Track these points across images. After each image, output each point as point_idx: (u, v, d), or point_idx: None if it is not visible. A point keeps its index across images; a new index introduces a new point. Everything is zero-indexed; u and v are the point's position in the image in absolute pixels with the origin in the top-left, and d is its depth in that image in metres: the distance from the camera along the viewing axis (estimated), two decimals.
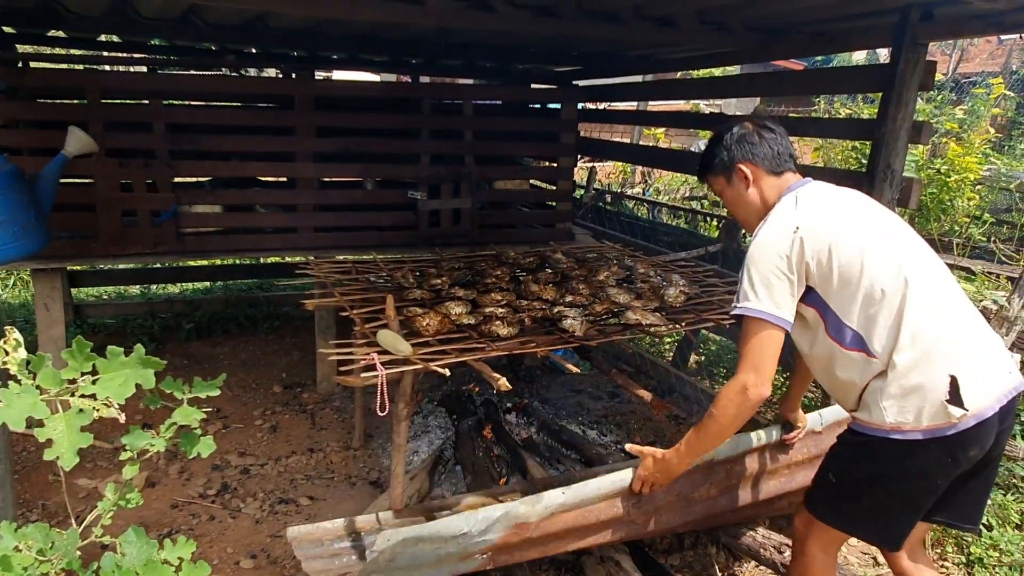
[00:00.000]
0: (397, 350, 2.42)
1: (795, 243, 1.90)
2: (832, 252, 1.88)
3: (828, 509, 2.06)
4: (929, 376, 1.81)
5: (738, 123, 2.16)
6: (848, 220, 1.95)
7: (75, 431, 1.48)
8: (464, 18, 3.49)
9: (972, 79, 13.25)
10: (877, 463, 1.92)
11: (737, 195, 2.14)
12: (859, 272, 1.87)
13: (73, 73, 4.44)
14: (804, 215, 1.94)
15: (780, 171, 2.09)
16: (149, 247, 4.22)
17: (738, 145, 2.10)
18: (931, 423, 1.81)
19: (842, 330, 1.92)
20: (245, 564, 2.89)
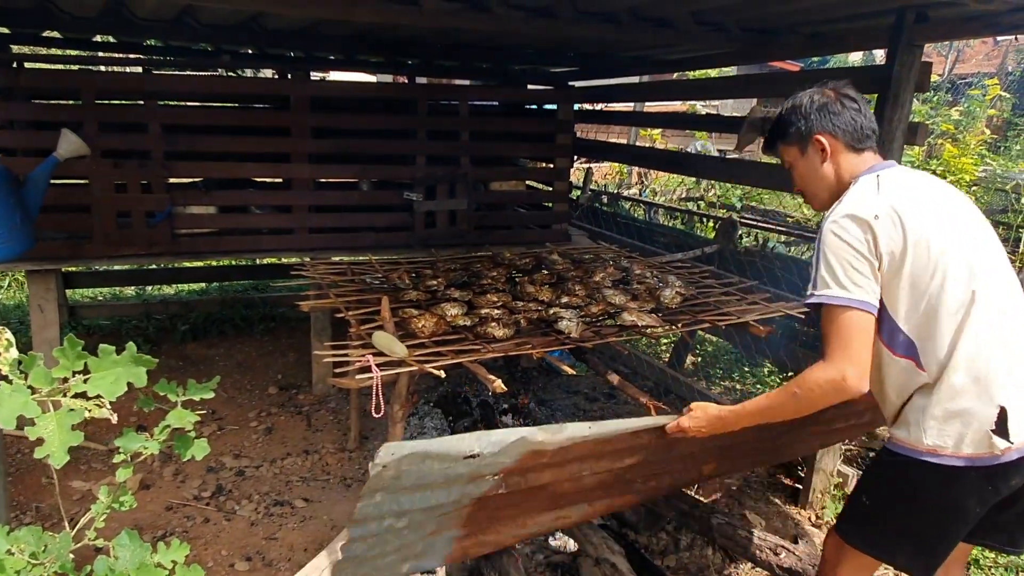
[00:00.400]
0: (392, 352, 2.41)
1: (871, 231, 1.74)
2: (908, 251, 1.73)
3: (859, 534, 1.97)
4: (978, 403, 1.71)
5: (817, 89, 1.98)
6: (931, 218, 1.77)
7: (66, 430, 1.47)
8: (460, 19, 3.48)
9: (968, 80, 13.29)
10: (912, 487, 1.82)
11: (811, 168, 1.97)
12: (930, 278, 1.73)
13: (68, 74, 4.43)
14: (885, 203, 1.76)
15: (861, 148, 1.92)
16: (144, 248, 4.21)
17: (818, 114, 1.93)
18: (973, 451, 1.72)
19: (895, 335, 1.79)
20: (240, 567, 2.88)
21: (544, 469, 2.03)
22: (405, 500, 1.89)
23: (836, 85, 1.99)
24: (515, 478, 2.01)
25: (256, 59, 6.02)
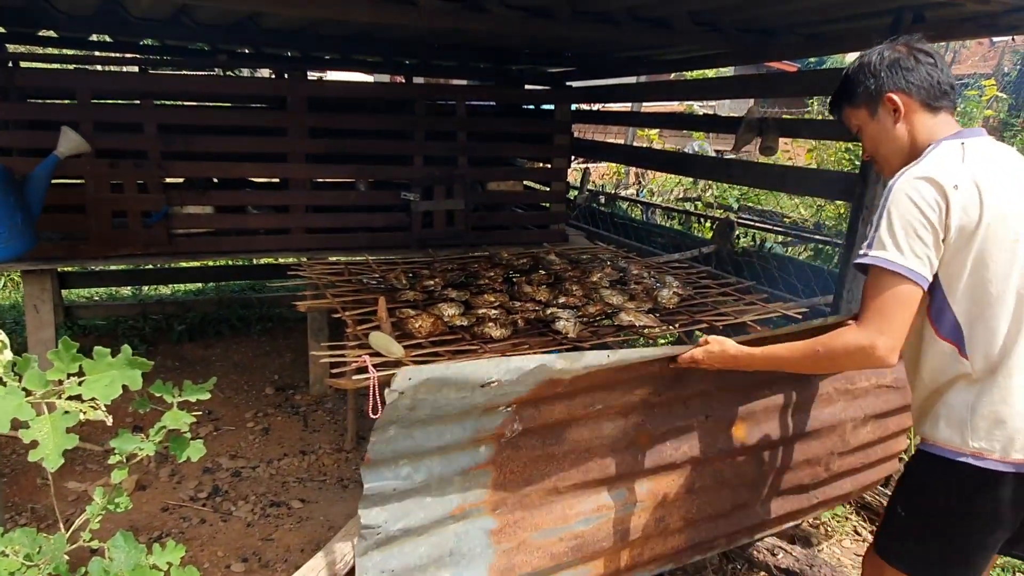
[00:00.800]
0: (389, 352, 2.41)
1: (946, 200, 1.59)
2: (980, 230, 1.60)
3: (896, 551, 1.85)
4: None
5: (888, 45, 1.80)
6: (1014, 200, 1.64)
7: (60, 432, 1.47)
8: (457, 19, 3.48)
9: (965, 81, 13.32)
10: (950, 493, 1.71)
11: (882, 130, 1.80)
12: (997, 264, 1.61)
13: (63, 73, 4.41)
14: (968, 174, 1.61)
15: (937, 106, 1.74)
16: (140, 248, 4.19)
17: (889, 71, 1.74)
18: (1019, 457, 1.61)
19: (944, 313, 1.67)
20: (236, 568, 2.87)
21: (557, 401, 1.99)
22: (419, 435, 1.83)
23: (908, 39, 1.81)
24: (529, 411, 1.97)
25: (253, 59, 6.02)
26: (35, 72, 4.39)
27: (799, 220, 8.41)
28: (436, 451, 1.88)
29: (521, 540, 2.09)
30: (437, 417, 1.84)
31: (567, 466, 2.15)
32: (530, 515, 2.12)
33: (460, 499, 1.97)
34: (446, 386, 1.76)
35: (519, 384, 1.85)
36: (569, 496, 2.19)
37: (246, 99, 5.20)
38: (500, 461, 2.02)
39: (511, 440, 2.00)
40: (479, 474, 1.99)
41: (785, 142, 9.29)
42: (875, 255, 1.62)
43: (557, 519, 2.17)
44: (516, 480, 2.07)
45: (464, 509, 1.99)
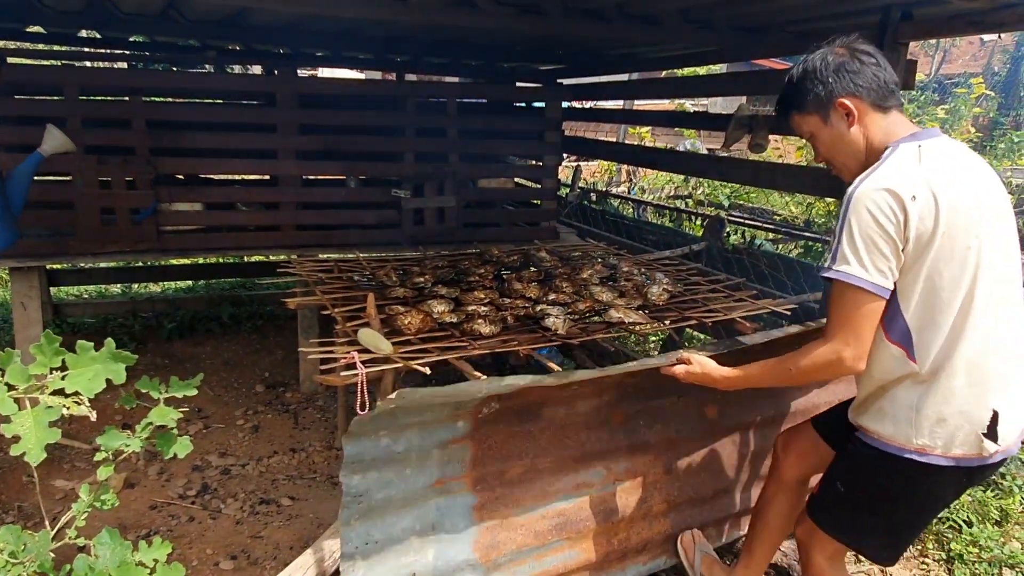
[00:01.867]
0: (378, 348, 2.40)
1: (904, 211, 1.61)
2: (935, 240, 1.63)
3: (832, 520, 1.99)
4: (973, 406, 1.69)
5: (826, 48, 1.81)
6: (967, 208, 1.65)
7: (43, 427, 1.46)
8: (447, 15, 3.47)
9: (955, 80, 13.39)
10: (893, 481, 1.81)
11: (837, 136, 1.80)
12: (950, 272, 1.65)
13: (51, 69, 4.38)
14: (925, 182, 1.63)
15: (888, 106, 1.76)
16: (129, 245, 4.17)
17: (836, 75, 1.75)
18: (961, 452, 1.71)
19: (895, 319, 1.71)
20: (225, 565, 2.86)
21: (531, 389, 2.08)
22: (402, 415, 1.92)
23: (846, 40, 1.82)
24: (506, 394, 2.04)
25: (243, 55, 5.99)
26: (22, 68, 4.36)
27: (789, 217, 8.44)
28: (415, 424, 1.96)
29: (504, 517, 2.15)
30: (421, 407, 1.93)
31: (544, 443, 2.23)
32: (511, 492, 2.19)
33: (439, 472, 2.04)
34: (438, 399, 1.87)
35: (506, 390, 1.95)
36: (548, 474, 2.26)
37: (236, 96, 5.17)
38: (478, 437, 2.09)
39: (489, 416, 2.07)
40: (457, 449, 2.06)
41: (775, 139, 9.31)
42: (839, 270, 1.67)
43: (538, 496, 2.24)
44: (495, 456, 2.13)
45: (444, 483, 2.06)
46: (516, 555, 2.19)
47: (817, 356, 1.74)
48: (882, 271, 1.64)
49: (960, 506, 3.22)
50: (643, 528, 2.49)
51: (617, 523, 2.40)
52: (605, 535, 2.39)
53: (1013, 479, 3.42)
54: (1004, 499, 3.30)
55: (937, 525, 3.15)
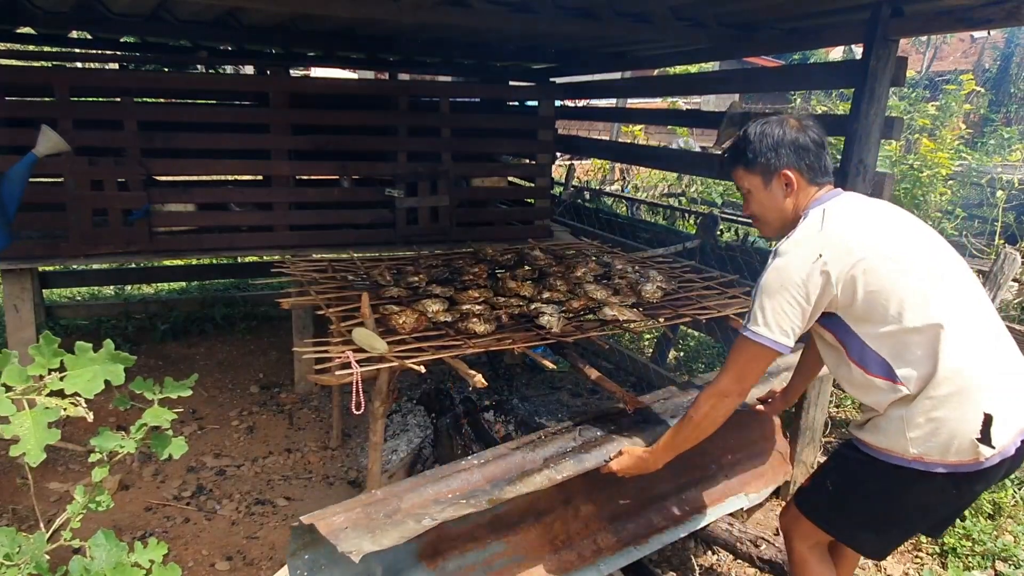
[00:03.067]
0: (373, 348, 2.41)
1: (816, 271, 1.77)
2: (861, 280, 1.76)
3: (821, 516, 2.07)
4: (964, 412, 1.73)
5: (782, 119, 1.96)
6: (881, 243, 1.80)
7: (42, 428, 1.46)
8: (440, 15, 3.47)
9: (946, 77, 13.44)
10: (887, 487, 1.87)
11: (771, 200, 1.97)
12: (890, 301, 1.75)
13: (41, 70, 4.36)
14: (830, 238, 1.80)
15: (821, 183, 1.94)
16: (121, 247, 4.16)
17: (789, 149, 1.91)
18: (957, 459, 1.75)
19: (866, 355, 1.82)
20: (221, 566, 2.86)
21: None
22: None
23: (801, 116, 1.98)
24: None
25: (235, 55, 5.97)
26: (12, 69, 4.33)
27: None
28: None
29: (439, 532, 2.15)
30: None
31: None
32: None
33: None
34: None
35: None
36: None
37: (228, 96, 5.16)
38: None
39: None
40: None
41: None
42: (751, 330, 1.87)
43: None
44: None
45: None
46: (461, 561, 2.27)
47: (705, 397, 1.97)
48: (785, 331, 1.83)
49: None
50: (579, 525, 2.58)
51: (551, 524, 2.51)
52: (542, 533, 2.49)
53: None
54: (997, 493, 3.32)
55: None
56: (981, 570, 2.96)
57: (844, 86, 5.11)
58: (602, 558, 2.56)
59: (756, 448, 3.23)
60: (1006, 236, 5.88)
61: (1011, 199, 6.20)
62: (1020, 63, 15.97)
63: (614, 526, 2.68)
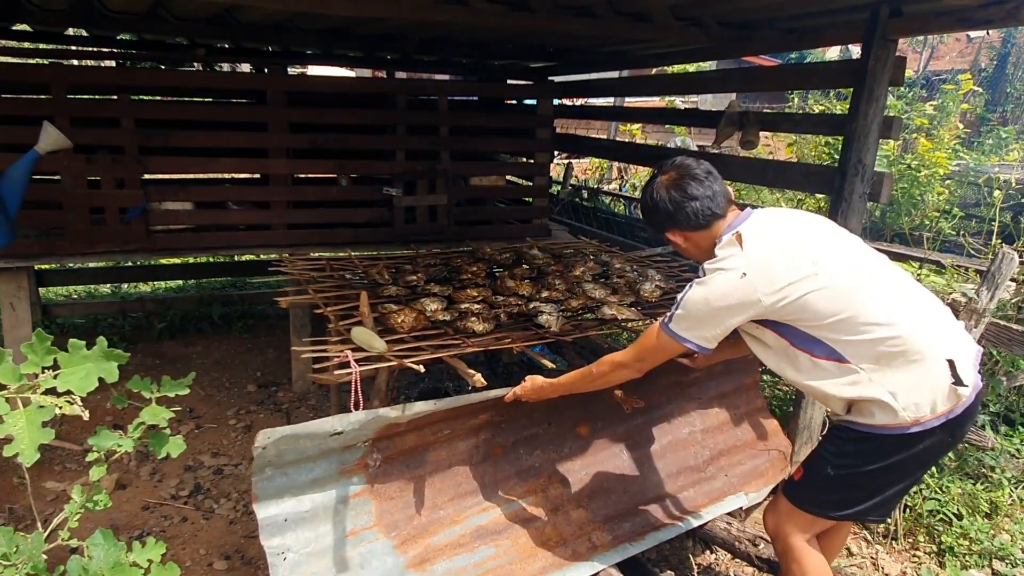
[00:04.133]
0: (371, 347, 2.40)
1: (741, 288, 1.89)
2: (790, 288, 1.87)
3: (822, 503, 2.12)
4: (931, 368, 1.87)
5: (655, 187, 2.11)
6: (799, 249, 1.93)
7: (36, 427, 1.45)
8: (438, 13, 3.46)
9: (943, 77, 13.47)
10: (888, 456, 1.96)
11: (683, 248, 2.17)
12: (823, 300, 1.87)
13: (38, 68, 4.35)
14: (751, 256, 1.92)
15: (709, 224, 2.05)
16: (118, 245, 4.14)
17: (659, 217, 2.11)
18: (945, 408, 1.88)
19: (811, 343, 1.93)
20: (219, 565, 2.85)
21: (407, 433, 2.35)
22: (293, 472, 2.15)
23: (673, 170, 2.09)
24: (383, 443, 2.32)
25: (232, 54, 5.95)
26: (8, 66, 4.31)
27: None
28: (311, 485, 2.20)
29: (425, 545, 2.38)
30: (304, 458, 2.16)
31: (438, 485, 2.49)
32: (424, 528, 2.41)
33: (351, 524, 2.28)
34: (301, 439, 2.10)
35: (364, 429, 2.21)
36: (452, 508, 2.49)
37: (225, 94, 5.15)
38: (376, 490, 2.35)
39: (378, 470, 2.33)
40: (359, 502, 2.31)
41: (766, 136, 9.33)
42: (670, 327, 2.01)
43: (450, 524, 2.47)
44: (398, 505, 2.38)
45: (358, 533, 2.29)
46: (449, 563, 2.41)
47: (609, 361, 2.18)
48: (699, 337, 1.98)
49: (951, 499, 3.24)
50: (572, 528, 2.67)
51: (542, 528, 2.61)
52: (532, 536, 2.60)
53: (1003, 471, 3.45)
54: (994, 492, 3.33)
55: (928, 519, 3.18)
56: (978, 569, 2.97)
57: (843, 86, 5.11)
58: (597, 554, 2.59)
59: (756, 447, 3.24)
60: (1003, 235, 5.89)
61: (1008, 199, 6.20)
62: (1016, 63, 16.00)
63: (609, 525, 2.72)
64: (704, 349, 2.01)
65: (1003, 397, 3.83)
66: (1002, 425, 3.81)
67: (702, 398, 3.21)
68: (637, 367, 2.15)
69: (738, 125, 4.15)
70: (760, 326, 2.00)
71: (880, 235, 6.87)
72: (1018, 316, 4.09)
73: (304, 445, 2.12)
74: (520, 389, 2.40)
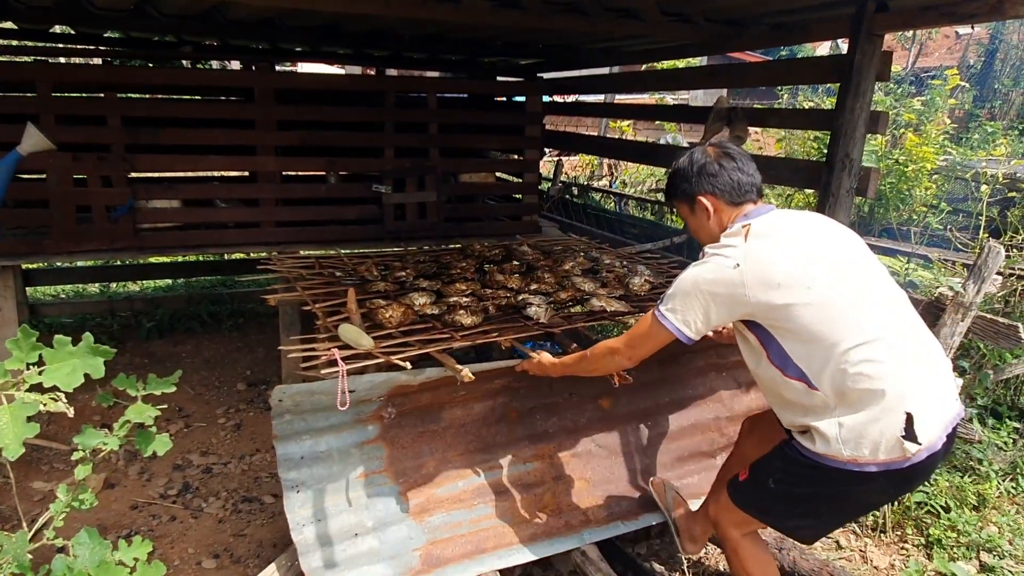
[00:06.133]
0: (359, 344, 2.39)
1: (731, 278, 1.88)
2: (778, 293, 1.85)
3: (758, 508, 2.15)
4: (887, 414, 1.81)
5: (700, 149, 2.14)
6: (802, 258, 1.89)
7: (20, 422, 1.44)
8: (426, 9, 3.45)
9: (931, 73, 13.54)
10: (826, 486, 1.96)
11: (699, 224, 2.14)
12: (808, 316, 1.84)
13: (23, 65, 4.31)
14: (752, 251, 1.90)
15: (740, 201, 2.05)
16: (106, 244, 4.12)
17: (698, 176, 2.08)
18: (887, 457, 1.83)
19: (785, 361, 1.91)
20: (207, 564, 2.84)
21: (422, 392, 2.52)
22: (311, 418, 2.34)
23: (717, 142, 2.15)
24: (398, 399, 2.48)
25: (220, 51, 5.92)
26: None
27: None
28: (328, 429, 2.40)
29: (428, 495, 2.56)
30: (321, 407, 2.34)
31: (450, 440, 2.64)
32: (431, 478, 2.56)
33: (363, 467, 2.47)
34: (316, 394, 2.28)
35: (376, 389, 2.39)
36: (460, 463, 2.64)
37: (213, 91, 5.12)
38: (389, 438, 2.51)
39: (392, 421, 2.50)
40: (373, 448, 2.49)
41: (755, 131, 9.35)
42: (662, 310, 2.02)
43: (455, 478, 2.61)
44: (408, 454, 2.54)
45: (368, 476, 2.47)
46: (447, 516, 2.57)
47: (603, 348, 2.22)
48: (688, 323, 1.97)
49: (938, 492, 3.26)
50: (570, 499, 2.77)
51: (540, 495, 2.72)
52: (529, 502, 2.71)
53: (990, 464, 3.48)
54: (981, 484, 3.35)
55: (916, 511, 3.20)
56: (966, 561, 2.99)
57: (830, 81, 5.13)
58: (588, 528, 2.64)
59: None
60: (990, 230, 5.93)
61: (995, 193, 6.25)
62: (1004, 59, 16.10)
63: (607, 501, 2.79)
64: (686, 337, 1.98)
65: (990, 390, 3.85)
66: (989, 418, 3.84)
67: (741, 383, 3.21)
68: (628, 354, 2.15)
69: (727, 121, 4.16)
70: (747, 327, 1.99)
71: (868, 230, 6.90)
72: (1004, 309, 4.12)
73: (319, 399, 2.28)
74: (527, 363, 2.50)
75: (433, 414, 2.59)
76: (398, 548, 2.45)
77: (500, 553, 2.55)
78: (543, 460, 2.78)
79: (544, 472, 2.77)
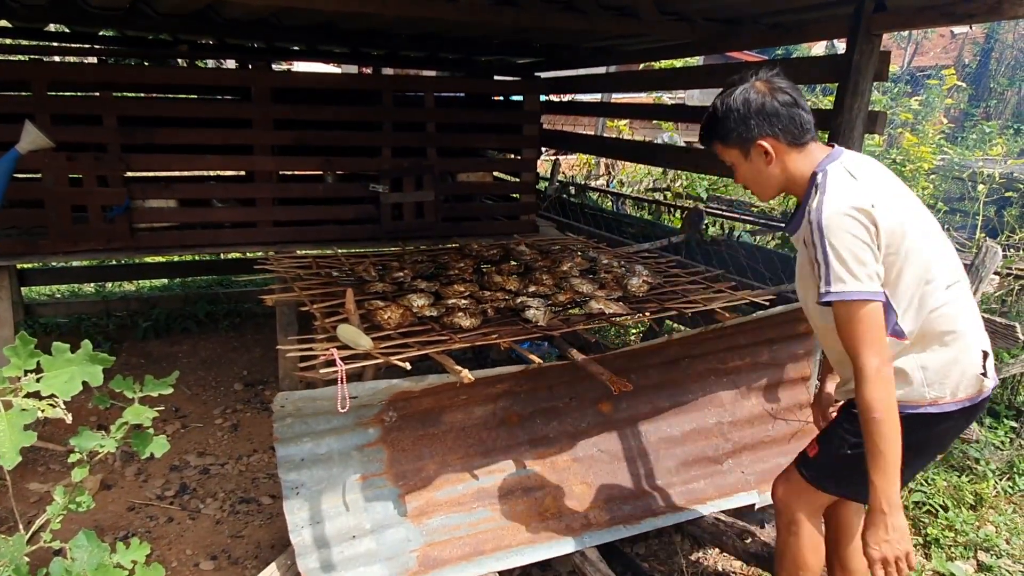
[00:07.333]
0: (357, 344, 2.39)
1: (873, 220, 1.74)
2: (901, 233, 1.77)
3: (835, 480, 2.06)
4: (968, 353, 1.87)
5: (749, 86, 1.89)
6: (904, 200, 1.86)
7: (17, 430, 1.43)
8: (425, 8, 3.44)
9: (927, 72, 13.57)
10: (909, 436, 1.78)
11: (755, 170, 1.94)
12: (918, 255, 1.79)
13: (18, 65, 4.29)
14: (872, 190, 1.78)
15: (803, 143, 1.88)
16: (102, 244, 4.10)
17: (757, 118, 1.85)
18: (964, 395, 1.88)
19: (888, 314, 1.80)
20: (205, 566, 2.83)
21: (423, 397, 2.52)
22: (312, 421, 2.36)
23: (767, 77, 1.90)
24: (400, 403, 2.50)
25: (216, 50, 5.90)
26: None
27: (766, 209, 8.50)
28: (329, 431, 2.41)
29: (428, 498, 2.58)
30: (322, 411, 2.35)
31: (451, 443, 2.65)
32: (430, 481, 2.58)
33: (363, 469, 2.49)
34: (317, 400, 2.28)
35: (379, 395, 2.37)
36: (460, 467, 2.65)
37: (209, 90, 5.10)
38: (389, 440, 2.53)
39: (393, 424, 2.51)
40: (373, 451, 2.51)
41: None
42: (837, 291, 1.74)
43: (455, 482, 2.63)
44: (409, 456, 2.56)
45: (368, 478, 2.49)
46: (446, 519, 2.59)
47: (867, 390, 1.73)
48: (873, 279, 1.74)
49: (936, 491, 3.27)
50: (570, 503, 2.77)
51: (541, 499, 2.73)
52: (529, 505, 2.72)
53: (987, 463, 3.48)
54: (978, 484, 3.36)
55: (914, 511, 3.20)
56: (963, 560, 3.00)
57: (828, 80, 5.13)
58: (588, 532, 2.64)
59: (786, 446, 3.21)
60: (987, 230, 5.94)
61: (992, 193, 6.26)
62: (1000, 58, 16.14)
63: (609, 506, 2.79)
64: (882, 295, 1.74)
65: None
66: (987, 418, 3.85)
67: (741, 388, 3.21)
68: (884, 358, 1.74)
69: None
70: None
71: None
72: (1002, 309, 4.13)
73: (321, 404, 2.29)
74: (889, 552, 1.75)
75: (434, 417, 2.61)
76: (395, 549, 2.46)
77: (499, 555, 2.55)
78: (544, 464, 2.79)
79: (544, 476, 2.78)
